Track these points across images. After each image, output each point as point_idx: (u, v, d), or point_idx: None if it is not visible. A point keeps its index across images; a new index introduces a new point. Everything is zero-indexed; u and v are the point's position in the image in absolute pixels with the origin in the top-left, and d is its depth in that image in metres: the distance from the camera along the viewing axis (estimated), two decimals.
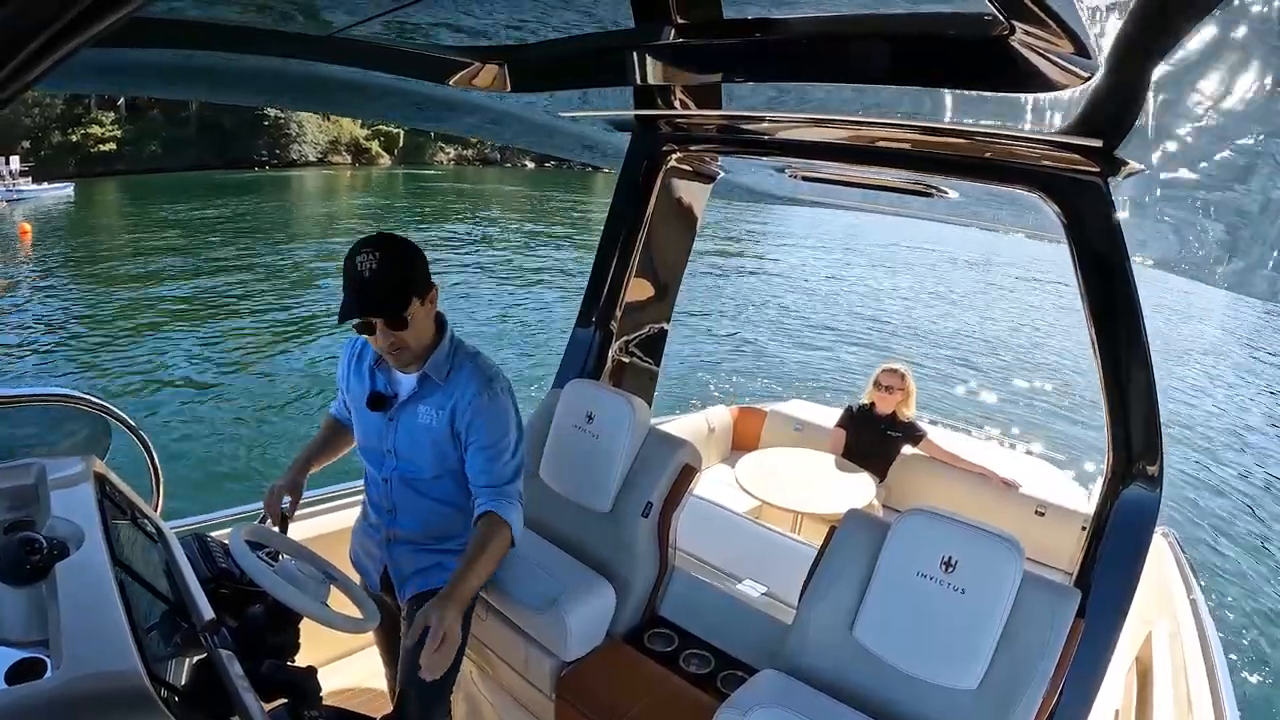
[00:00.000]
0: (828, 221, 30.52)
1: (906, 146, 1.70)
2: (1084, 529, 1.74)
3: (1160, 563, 2.85)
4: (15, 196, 28.44)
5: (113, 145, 39.77)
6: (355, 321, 1.52)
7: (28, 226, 20.99)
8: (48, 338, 11.47)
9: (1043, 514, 3.42)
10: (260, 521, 1.78)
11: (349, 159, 50.94)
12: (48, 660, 0.92)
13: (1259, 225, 1.43)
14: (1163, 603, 2.61)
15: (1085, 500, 3.47)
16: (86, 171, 37.13)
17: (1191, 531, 6.88)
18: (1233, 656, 4.70)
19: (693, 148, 2.26)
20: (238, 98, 2.98)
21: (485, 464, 1.62)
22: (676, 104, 1.76)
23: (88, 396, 1.89)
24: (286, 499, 1.83)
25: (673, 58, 1.38)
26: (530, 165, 57.20)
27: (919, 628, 1.52)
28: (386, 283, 1.48)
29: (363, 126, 51.29)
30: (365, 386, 1.72)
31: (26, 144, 35.53)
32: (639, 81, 1.51)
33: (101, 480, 1.32)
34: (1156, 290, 16.86)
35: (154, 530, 1.40)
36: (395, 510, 1.76)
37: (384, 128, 51.57)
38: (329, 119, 48.48)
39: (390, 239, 1.52)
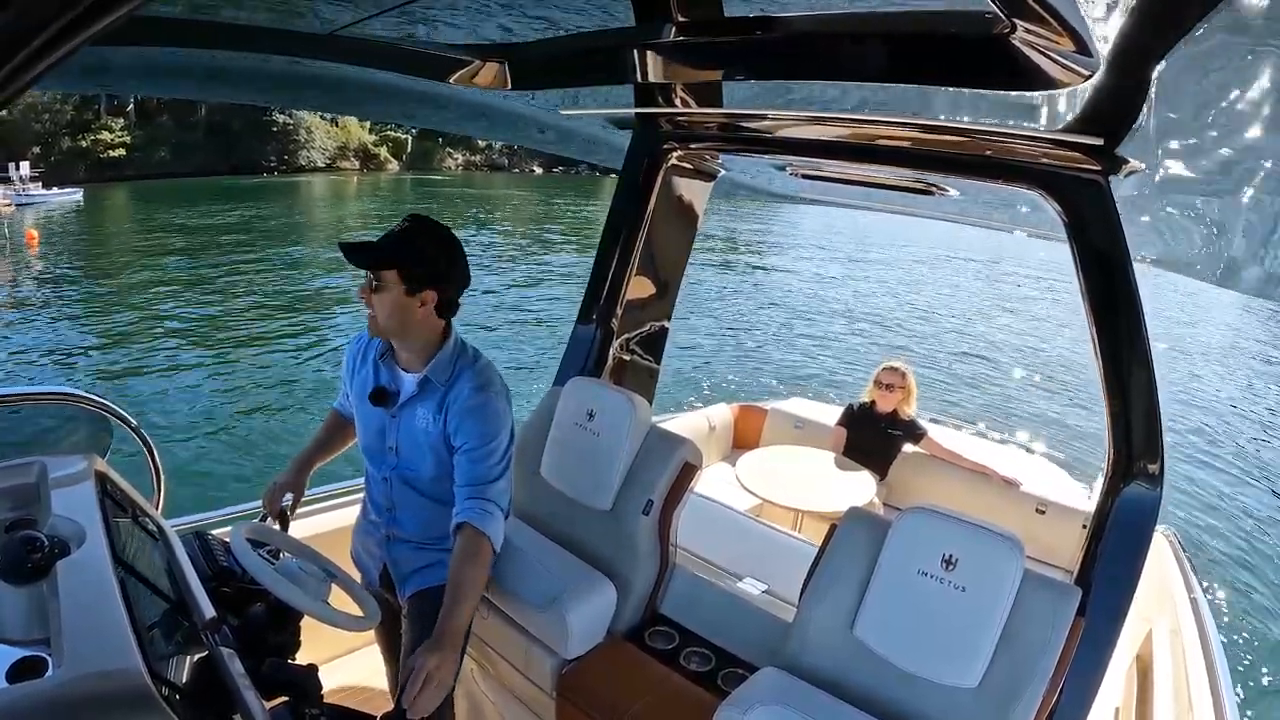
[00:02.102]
0: (833, 223, 30.53)
1: (907, 144, 1.70)
2: (1084, 527, 1.74)
3: (1161, 561, 2.85)
4: (25, 201, 28.86)
5: (122, 151, 40.11)
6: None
7: (34, 233, 21.17)
8: (52, 339, 11.50)
9: (1043, 512, 3.42)
10: (260, 519, 1.78)
11: (357, 164, 51.16)
12: (49, 659, 0.92)
13: (1260, 223, 1.43)
14: (1163, 601, 2.61)
15: (1086, 498, 3.46)
16: (96, 177, 37.47)
17: (1192, 530, 6.88)
18: (1233, 655, 4.71)
19: (693, 146, 2.25)
20: (238, 96, 2.98)
21: (469, 465, 1.61)
22: (677, 102, 1.76)
23: (89, 395, 1.89)
24: (288, 496, 1.84)
25: (673, 55, 1.38)
26: (538, 170, 57.18)
27: (919, 626, 1.52)
28: (384, 241, 1.56)
29: (370, 132, 51.46)
30: (369, 381, 1.72)
31: (37, 149, 35.87)
32: (640, 79, 1.50)
33: (102, 479, 1.32)
34: (1160, 290, 16.88)
35: (155, 528, 1.40)
36: (395, 509, 1.77)
37: (392, 133, 51.73)
38: (337, 124, 48.80)
39: (432, 224, 1.60)
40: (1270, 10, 0.62)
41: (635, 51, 1.34)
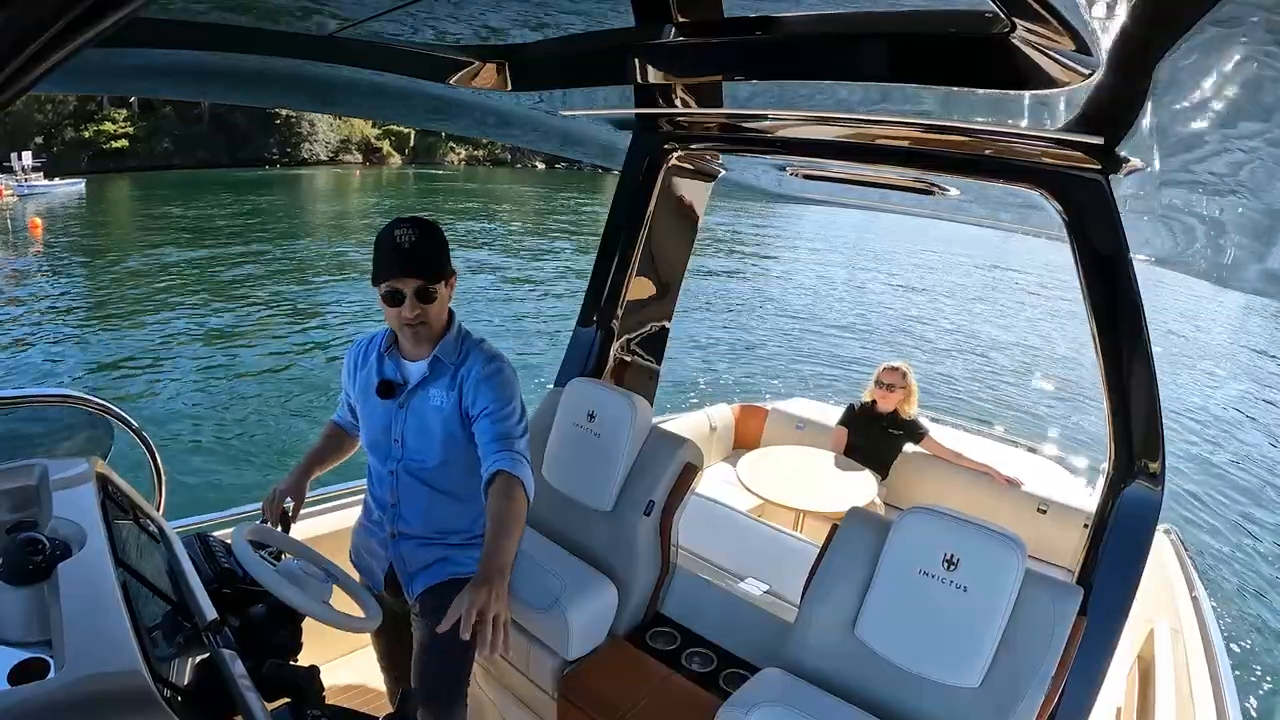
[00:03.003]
0: (836, 222, 30.53)
1: (907, 144, 1.69)
2: (1086, 527, 1.74)
3: (1162, 560, 2.85)
4: (28, 192, 28.88)
5: (125, 142, 40.15)
6: (385, 289, 1.58)
7: (38, 222, 21.34)
8: (54, 335, 11.53)
9: (1044, 512, 3.41)
10: (261, 524, 1.78)
11: (360, 158, 51.26)
12: (50, 660, 0.92)
13: (1260, 221, 1.43)
14: (1165, 600, 2.61)
15: (1087, 498, 3.46)
16: (99, 168, 37.48)
17: (1194, 529, 6.87)
18: (1235, 654, 4.70)
19: (694, 146, 2.25)
20: (238, 98, 2.98)
21: (491, 425, 1.63)
22: (677, 102, 1.76)
23: (89, 397, 1.89)
24: (289, 501, 1.84)
25: (673, 56, 1.37)
26: (541, 166, 57.15)
27: (921, 626, 1.52)
28: (426, 251, 1.58)
29: (374, 126, 51.58)
30: (374, 377, 1.74)
31: (39, 140, 35.89)
32: (640, 80, 1.50)
33: (104, 480, 1.32)
34: (1163, 289, 16.88)
35: (156, 530, 1.40)
36: (399, 504, 1.77)
37: (395, 127, 51.82)
38: (340, 118, 48.79)
39: (426, 221, 1.62)
40: (1270, 8, 0.62)
41: (635, 52, 1.34)
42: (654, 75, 1.46)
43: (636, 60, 1.37)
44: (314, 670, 1.32)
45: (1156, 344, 1.58)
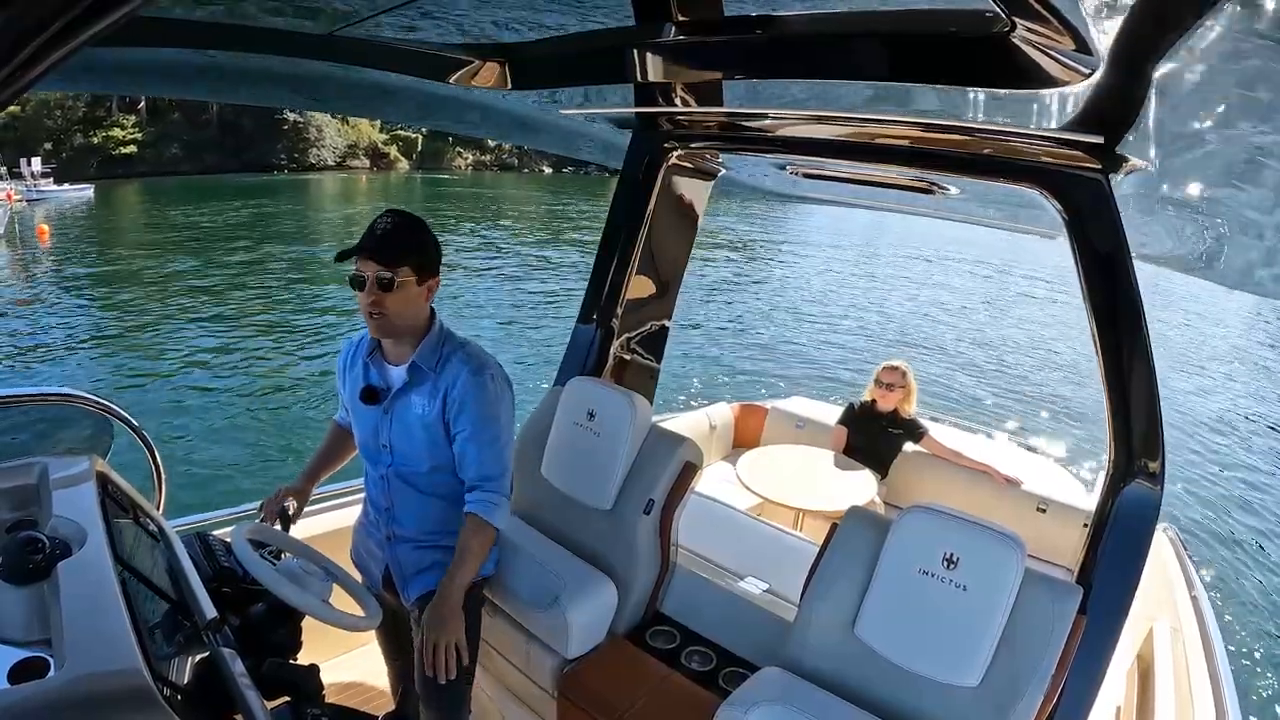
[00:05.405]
0: (839, 223, 30.54)
1: (907, 143, 1.69)
2: (1086, 526, 1.74)
3: (1162, 559, 2.85)
4: (36, 197, 29.16)
5: (133, 148, 40.36)
6: (351, 271, 1.58)
7: (45, 228, 21.46)
8: (59, 338, 11.54)
9: (1044, 511, 3.41)
10: (260, 522, 1.78)
11: (367, 163, 51.28)
12: (50, 659, 0.93)
13: (1261, 221, 1.43)
14: (1164, 599, 2.61)
15: (1087, 497, 3.46)
16: (107, 173, 37.73)
17: (1193, 528, 6.87)
18: (1234, 653, 4.71)
19: (694, 145, 2.25)
20: (238, 96, 2.99)
21: (475, 455, 1.65)
22: (677, 101, 1.75)
23: (90, 396, 1.90)
24: (290, 501, 1.84)
25: (674, 55, 1.37)
26: (548, 170, 57.16)
27: (920, 625, 1.52)
28: (391, 238, 1.56)
29: (381, 131, 51.57)
30: (359, 382, 1.73)
31: (48, 146, 36.08)
32: (640, 79, 1.50)
33: (103, 479, 1.32)
34: (1168, 290, 16.87)
35: (156, 529, 1.40)
36: (393, 507, 1.78)
37: (402, 132, 51.84)
38: (347, 123, 49.04)
39: (412, 216, 1.62)
40: (1271, 8, 0.62)
41: (635, 51, 1.34)
42: (654, 74, 1.45)
43: (637, 59, 1.37)
44: (314, 669, 1.32)
45: (1157, 343, 1.58)
